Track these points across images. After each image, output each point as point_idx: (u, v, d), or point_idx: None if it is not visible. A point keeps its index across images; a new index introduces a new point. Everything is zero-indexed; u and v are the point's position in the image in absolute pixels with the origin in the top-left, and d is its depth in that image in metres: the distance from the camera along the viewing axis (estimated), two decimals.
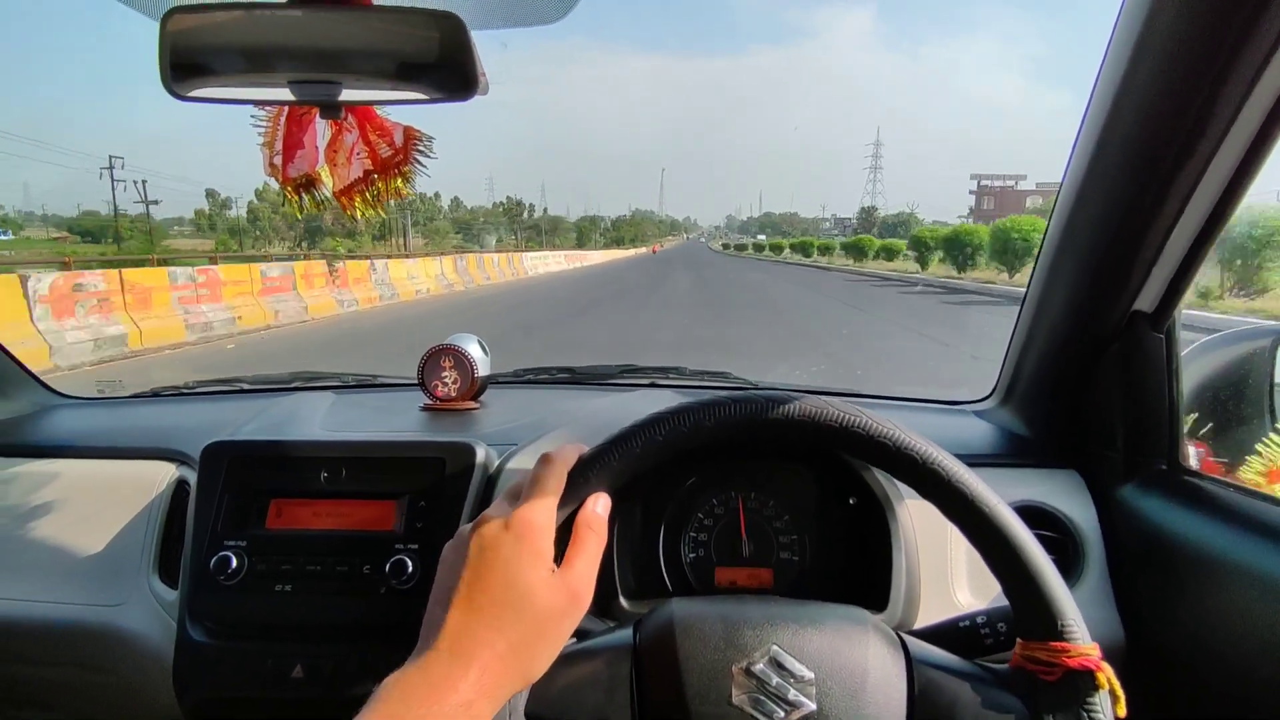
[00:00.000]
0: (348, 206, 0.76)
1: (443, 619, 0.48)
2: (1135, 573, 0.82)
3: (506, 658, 0.47)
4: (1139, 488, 0.83)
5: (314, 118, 0.75)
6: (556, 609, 0.49)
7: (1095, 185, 0.77)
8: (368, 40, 0.65)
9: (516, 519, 0.50)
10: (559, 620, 0.50)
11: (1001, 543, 0.52)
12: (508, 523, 0.50)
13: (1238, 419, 0.87)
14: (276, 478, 0.87)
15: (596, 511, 0.55)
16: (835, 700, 0.51)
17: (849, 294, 17.80)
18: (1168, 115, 0.67)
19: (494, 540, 0.49)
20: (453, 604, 0.48)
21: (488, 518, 0.51)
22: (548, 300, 16.36)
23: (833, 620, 0.55)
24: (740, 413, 0.56)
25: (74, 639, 0.93)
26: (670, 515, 0.90)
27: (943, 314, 12.92)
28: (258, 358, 7.92)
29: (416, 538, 0.81)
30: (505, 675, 0.47)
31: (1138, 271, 0.77)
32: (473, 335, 1.19)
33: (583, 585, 0.51)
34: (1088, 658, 0.50)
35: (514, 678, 0.48)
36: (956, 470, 0.53)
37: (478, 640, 0.47)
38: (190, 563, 0.84)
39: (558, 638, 0.50)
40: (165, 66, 0.64)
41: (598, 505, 0.55)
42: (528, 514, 0.51)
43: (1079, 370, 0.88)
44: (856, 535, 0.86)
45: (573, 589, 0.50)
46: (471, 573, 0.48)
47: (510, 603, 0.48)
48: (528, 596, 0.48)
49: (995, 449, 0.99)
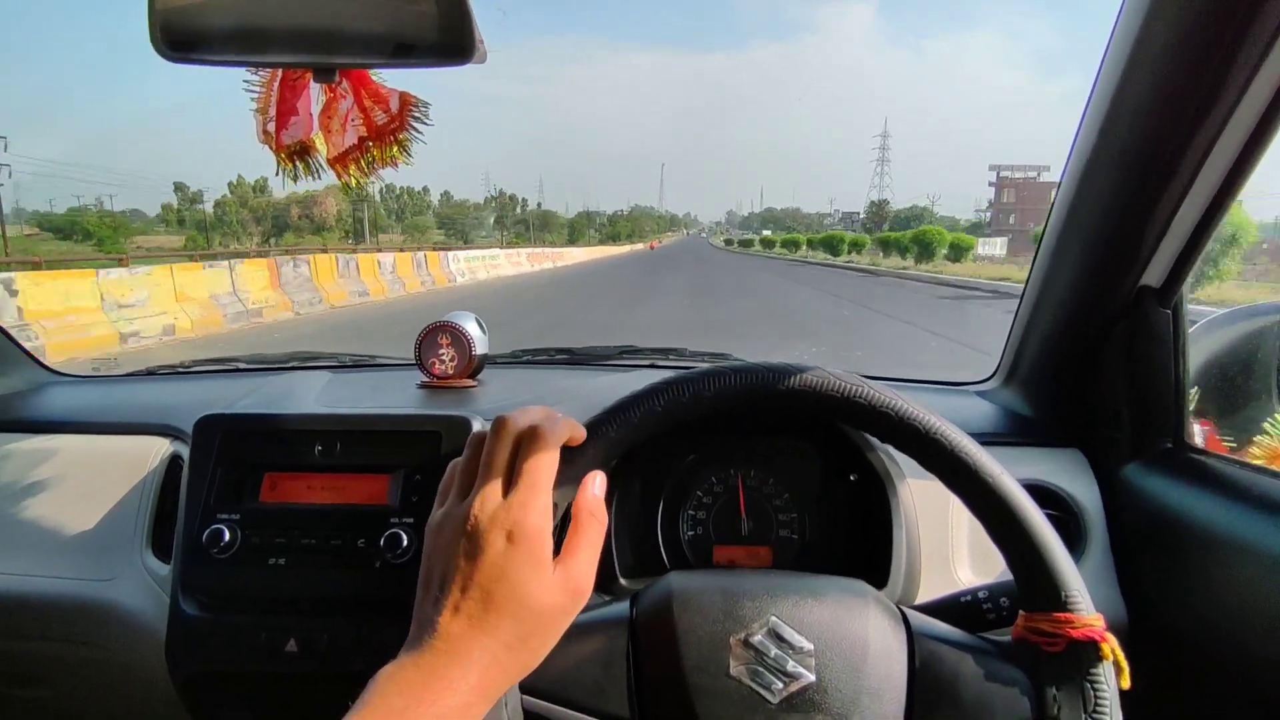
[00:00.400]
0: (342, 174, 0.74)
1: (435, 619, 0.45)
2: (1139, 551, 0.81)
3: (504, 659, 0.45)
4: (1143, 466, 0.82)
5: (308, 83, 0.73)
6: (557, 608, 0.46)
7: (1104, 159, 0.76)
8: (365, 1, 0.64)
9: (512, 520, 0.46)
10: (559, 617, 0.47)
11: (1005, 513, 0.51)
12: (500, 521, 0.46)
13: (1244, 397, 0.86)
14: (270, 451, 0.86)
15: (595, 494, 0.51)
16: (835, 672, 0.50)
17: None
18: (1178, 87, 0.65)
19: (486, 543, 0.45)
20: (445, 605, 0.45)
21: (477, 514, 0.46)
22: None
23: (833, 592, 0.54)
24: (740, 383, 0.55)
25: (66, 614, 0.93)
26: (669, 493, 0.90)
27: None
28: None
29: (412, 512, 0.81)
30: (503, 674, 0.45)
31: (1145, 246, 0.75)
32: (470, 313, 1.17)
33: (584, 579, 0.48)
34: (1092, 628, 0.49)
35: (511, 674, 0.46)
36: (960, 440, 0.52)
37: (474, 644, 0.44)
38: (183, 536, 0.83)
39: (557, 632, 0.47)
40: (155, 27, 0.63)
41: (595, 486, 0.52)
42: (523, 515, 0.46)
43: (1084, 347, 0.87)
44: (856, 513, 0.86)
45: (574, 584, 0.47)
46: (464, 575, 0.45)
47: (508, 610, 0.45)
48: (526, 602, 0.45)
49: (998, 428, 0.98)
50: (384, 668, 0.44)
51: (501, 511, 0.46)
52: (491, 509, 0.46)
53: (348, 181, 0.75)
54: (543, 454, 0.49)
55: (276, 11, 0.64)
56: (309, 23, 0.65)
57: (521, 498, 0.47)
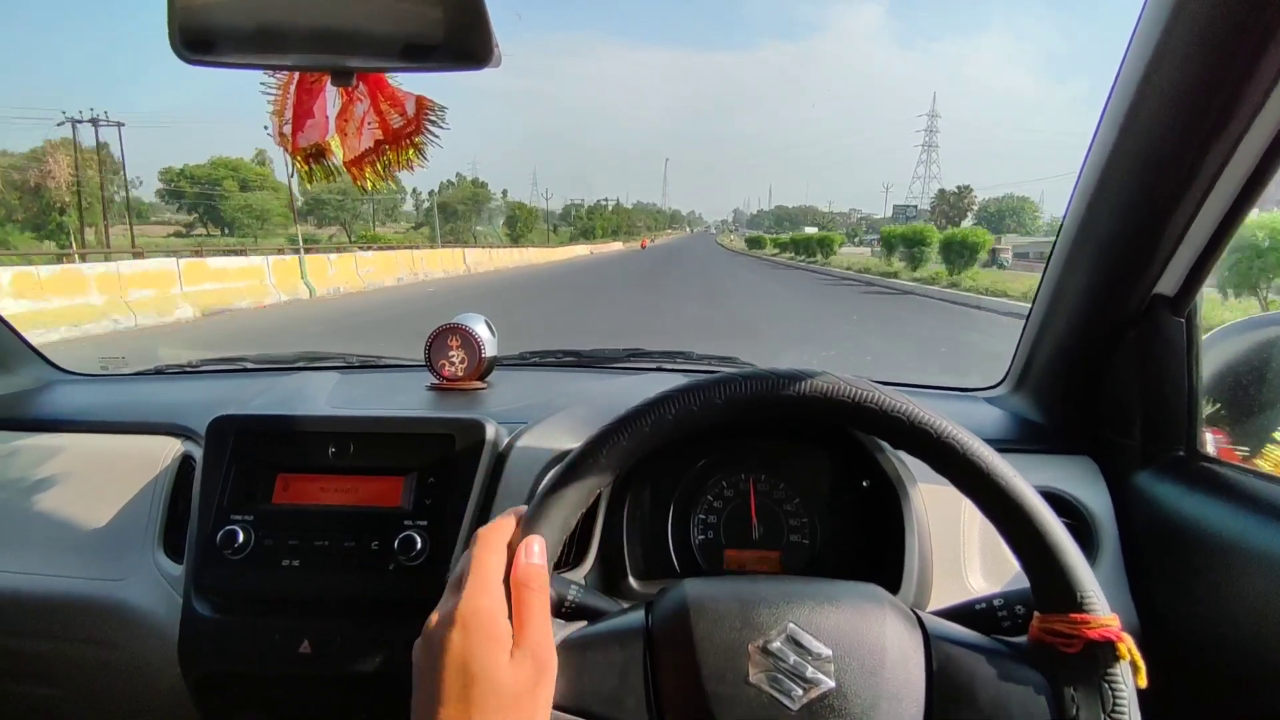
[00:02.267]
0: (358, 177, 0.75)
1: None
2: (1150, 559, 0.81)
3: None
4: (1155, 474, 0.82)
5: (324, 86, 0.73)
6: (524, 685, 0.47)
7: (1120, 165, 0.76)
8: (382, 6, 0.64)
9: (461, 609, 0.48)
10: (532, 693, 0.48)
11: (1019, 515, 0.52)
12: (453, 615, 0.48)
13: (1258, 406, 0.86)
14: (283, 452, 0.86)
15: (532, 564, 0.52)
16: (854, 677, 0.50)
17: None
18: (1198, 93, 0.65)
19: (443, 638, 0.47)
20: (425, 713, 0.46)
21: (434, 617, 0.49)
22: None
23: (849, 597, 0.55)
24: (751, 390, 0.55)
25: (77, 613, 0.93)
26: (680, 497, 0.90)
27: None
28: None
29: (425, 514, 0.81)
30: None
31: (1161, 253, 0.75)
32: (480, 315, 1.18)
33: (544, 650, 0.49)
34: (1108, 628, 0.49)
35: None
36: (972, 444, 0.52)
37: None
38: (196, 537, 0.83)
39: (539, 707, 0.48)
40: (174, 32, 0.63)
41: (531, 555, 0.52)
42: (471, 601, 0.48)
43: (1096, 355, 0.87)
44: (867, 518, 0.86)
45: (536, 657, 0.48)
46: (431, 676, 0.47)
47: (474, 699, 0.46)
48: (490, 686, 0.46)
49: (1008, 435, 0.98)
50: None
51: (453, 608, 0.49)
52: (446, 609, 0.49)
53: (363, 184, 0.75)
54: (484, 550, 0.52)
55: (294, 15, 0.64)
56: (326, 27, 0.65)
57: (469, 589, 0.49)
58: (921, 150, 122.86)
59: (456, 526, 0.80)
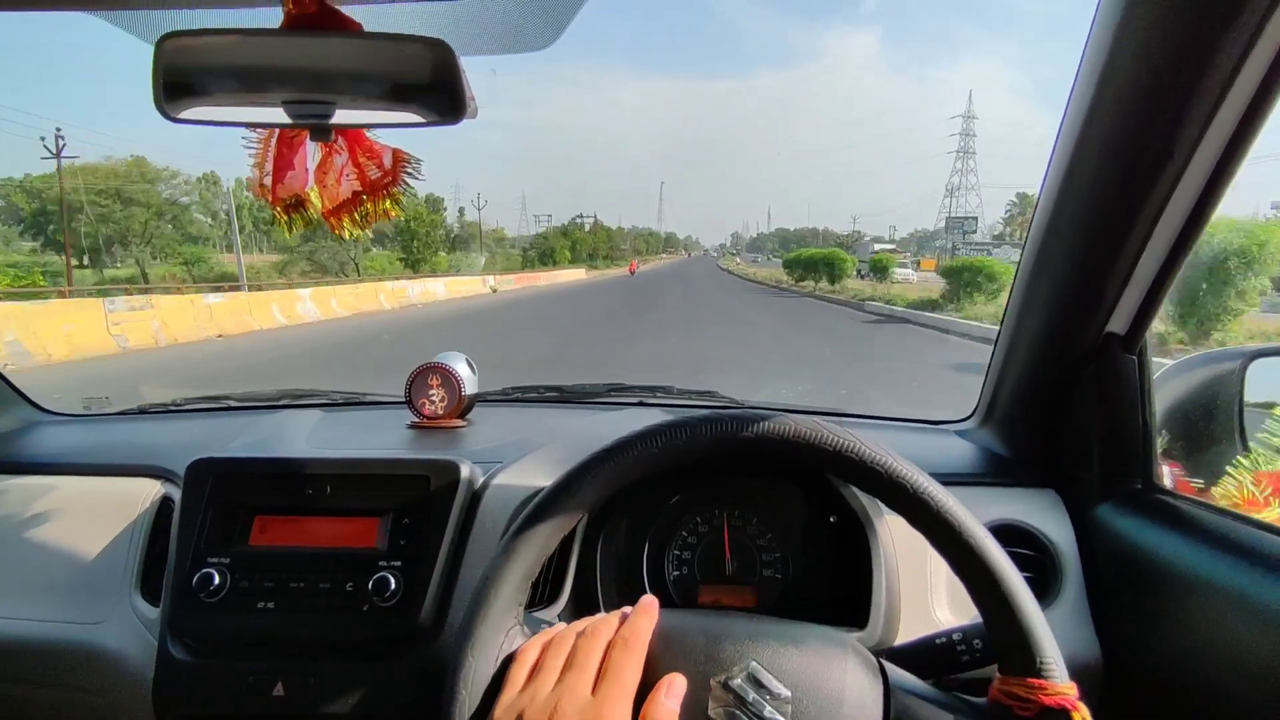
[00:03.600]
0: (336, 226, 0.77)
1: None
2: (1112, 591, 0.83)
3: None
4: (1115, 507, 0.85)
5: (304, 140, 0.76)
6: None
7: (1068, 208, 0.79)
8: (360, 66, 0.67)
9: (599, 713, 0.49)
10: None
11: (986, 577, 0.53)
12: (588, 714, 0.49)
13: (1209, 439, 0.88)
14: (261, 494, 0.87)
15: (669, 705, 0.51)
16: (810, 719, 0.51)
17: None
18: (1135, 139, 0.69)
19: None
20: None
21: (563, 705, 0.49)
22: None
23: (813, 640, 0.56)
24: (737, 430, 0.57)
25: (52, 657, 0.92)
26: (654, 533, 0.91)
27: None
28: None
29: (400, 555, 0.82)
30: None
31: (1110, 293, 0.78)
32: (460, 354, 1.19)
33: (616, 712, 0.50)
34: (1065, 697, 0.50)
35: None
36: (945, 502, 0.54)
37: None
38: (172, 580, 0.83)
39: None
40: (158, 89, 0.65)
41: (671, 694, 0.52)
42: (610, 710, 0.49)
43: (1055, 391, 0.90)
44: (838, 553, 0.87)
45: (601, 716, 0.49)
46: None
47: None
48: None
49: (975, 468, 1.00)
50: None
51: (589, 708, 0.49)
52: (578, 703, 0.49)
53: (341, 233, 0.77)
54: (629, 658, 0.52)
55: (275, 74, 0.67)
56: (307, 85, 0.68)
57: (606, 694, 0.50)
58: (957, 157, 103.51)
59: (430, 567, 0.81)
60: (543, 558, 0.58)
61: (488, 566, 0.57)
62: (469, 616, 0.55)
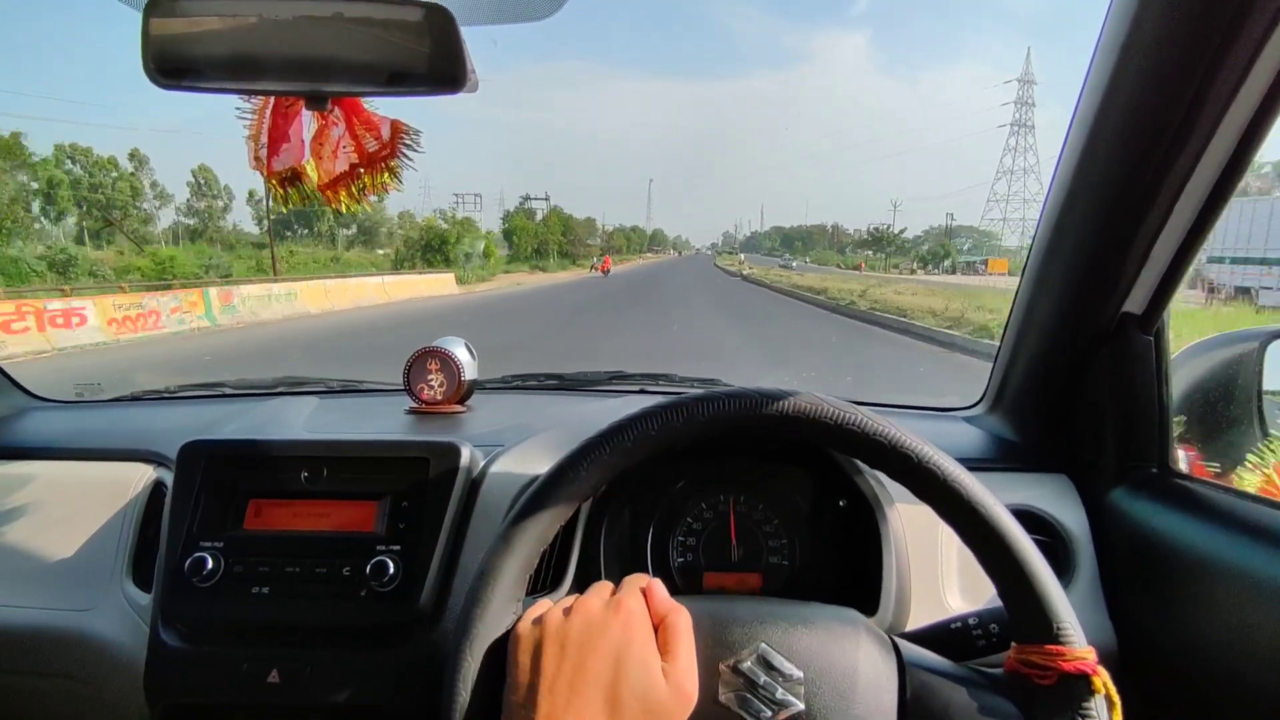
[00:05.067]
0: (333, 200, 0.75)
1: (532, 709, 0.43)
2: (1126, 576, 0.81)
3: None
4: (1129, 491, 0.83)
5: (299, 111, 0.74)
6: (665, 709, 0.46)
7: (1084, 187, 0.77)
8: (357, 31, 0.65)
9: (623, 605, 0.47)
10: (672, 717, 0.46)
11: (997, 544, 0.52)
12: (615, 605, 0.47)
13: (1227, 422, 0.87)
14: (255, 478, 0.85)
15: (666, 596, 0.52)
16: (824, 700, 0.50)
17: None
18: (1155, 117, 0.67)
19: (602, 622, 0.46)
20: (549, 691, 0.44)
21: (591, 600, 0.48)
22: None
23: (823, 620, 0.54)
24: (734, 408, 0.55)
25: (42, 645, 0.90)
26: (659, 519, 0.89)
27: None
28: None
29: (399, 539, 0.80)
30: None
31: (1127, 273, 0.77)
32: (459, 338, 1.17)
33: (690, 683, 0.48)
34: (1084, 661, 0.49)
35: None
36: (952, 470, 0.53)
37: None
38: (164, 564, 0.81)
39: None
40: (148, 56, 0.63)
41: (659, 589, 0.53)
42: (632, 602, 0.48)
43: (1068, 374, 0.88)
44: (846, 539, 0.85)
45: (682, 688, 0.47)
46: (575, 659, 0.45)
47: (619, 697, 0.44)
48: (639, 691, 0.45)
49: (985, 454, 0.98)
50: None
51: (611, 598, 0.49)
52: (598, 599, 0.49)
53: (338, 207, 0.75)
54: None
55: (270, 40, 0.65)
56: (302, 51, 0.66)
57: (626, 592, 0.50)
58: (1011, 132, 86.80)
59: (430, 551, 0.79)
60: (542, 547, 0.55)
61: (484, 558, 0.54)
62: (466, 613, 0.53)
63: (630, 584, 0.52)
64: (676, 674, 0.47)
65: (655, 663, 0.46)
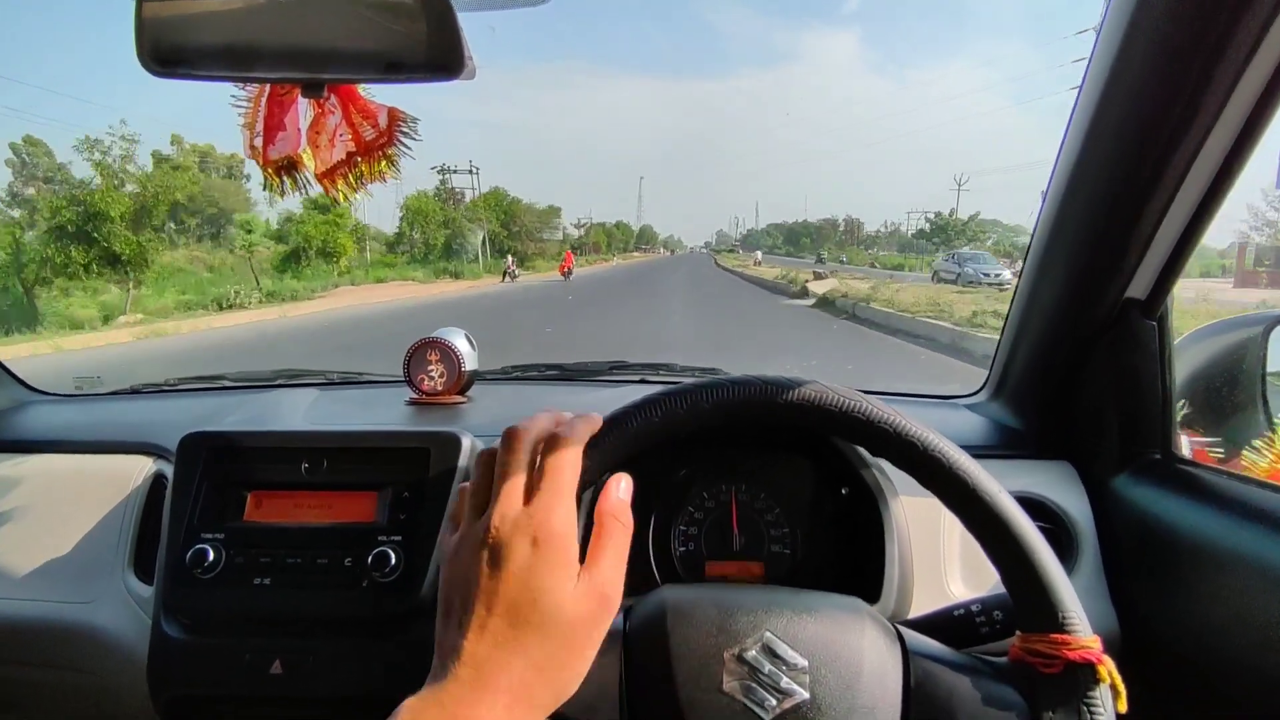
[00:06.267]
0: (330, 189, 0.74)
1: (458, 642, 0.42)
2: (1129, 563, 0.81)
3: (535, 682, 0.42)
4: (1132, 477, 0.83)
5: (295, 99, 0.73)
6: (586, 619, 0.44)
7: (1087, 172, 0.77)
8: (353, 17, 0.64)
9: (534, 521, 0.44)
10: (589, 630, 0.45)
11: (1002, 532, 0.51)
12: (523, 525, 0.44)
13: (1230, 408, 0.86)
14: (255, 469, 0.85)
15: (620, 497, 0.49)
16: (829, 689, 0.50)
17: None
18: (1158, 101, 0.67)
19: (510, 551, 0.43)
20: (470, 627, 0.42)
21: (497, 524, 0.44)
22: None
23: (827, 608, 0.54)
24: (738, 395, 0.55)
25: (44, 637, 0.90)
26: (661, 508, 0.89)
27: None
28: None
29: (400, 529, 0.79)
30: (534, 699, 0.42)
31: (1130, 258, 0.76)
32: (460, 329, 1.17)
33: (612, 586, 0.46)
34: (1089, 650, 0.48)
35: (544, 700, 0.43)
36: (957, 457, 0.52)
37: (501, 665, 0.41)
38: (166, 556, 0.81)
39: (589, 649, 0.45)
40: (142, 42, 0.63)
41: (620, 489, 0.50)
42: (546, 519, 0.44)
43: (1071, 360, 0.87)
44: (848, 527, 0.85)
45: (602, 592, 0.45)
46: (487, 591, 0.43)
47: (534, 621, 0.42)
48: (553, 611, 0.43)
49: (988, 441, 0.98)
50: (405, 701, 0.41)
51: (524, 518, 0.44)
52: (513, 516, 0.45)
53: (335, 196, 0.75)
54: (564, 454, 0.47)
55: (265, 27, 0.64)
56: (298, 38, 0.65)
57: (544, 501, 0.45)
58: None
59: (431, 541, 0.79)
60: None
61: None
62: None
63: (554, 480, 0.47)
64: (592, 583, 0.45)
65: (567, 579, 0.44)
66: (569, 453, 0.47)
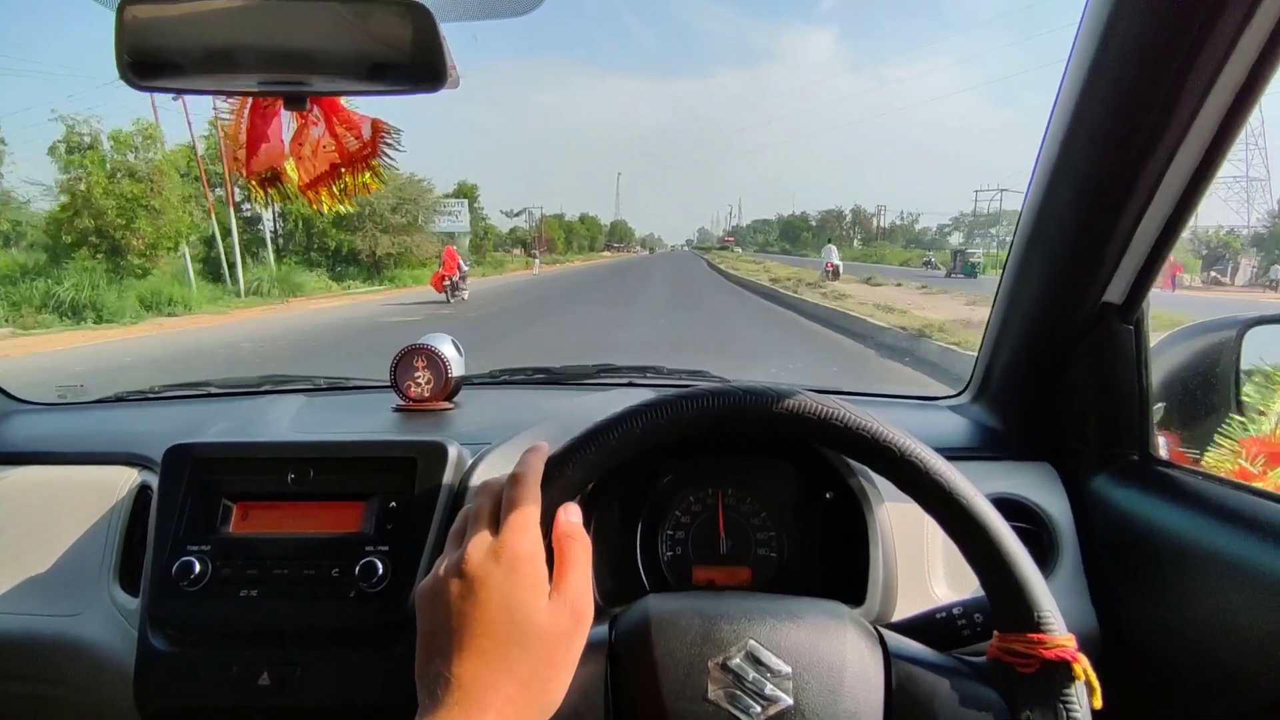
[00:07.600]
0: (314, 201, 0.74)
1: (445, 671, 0.45)
2: (1108, 563, 0.82)
3: (520, 698, 0.45)
4: (1111, 478, 0.84)
5: (279, 110, 0.73)
6: (562, 633, 0.48)
7: (1063, 178, 0.78)
8: (336, 30, 0.64)
9: (504, 548, 0.48)
10: (567, 644, 0.48)
11: (978, 535, 0.52)
12: (494, 553, 0.48)
13: (1205, 409, 0.88)
14: (241, 480, 0.84)
15: (570, 520, 0.53)
16: (812, 695, 0.50)
17: None
18: (1133, 106, 0.68)
19: (484, 575, 0.47)
20: (452, 653, 0.45)
21: (470, 554, 0.48)
22: None
23: (810, 615, 0.55)
24: (717, 405, 0.56)
25: (29, 651, 0.90)
26: (647, 514, 0.90)
27: None
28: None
29: (387, 539, 0.79)
30: (523, 716, 0.45)
31: (1106, 263, 0.77)
32: (446, 335, 1.17)
33: (582, 601, 0.49)
34: (1064, 649, 0.50)
35: (533, 716, 0.46)
36: (934, 463, 0.53)
37: (487, 686, 0.44)
38: (151, 568, 0.81)
39: (569, 663, 0.48)
40: (122, 55, 0.62)
41: (569, 514, 0.54)
42: (514, 541, 0.48)
43: (1051, 363, 0.89)
44: (834, 531, 0.86)
45: (574, 608, 0.49)
46: (467, 617, 0.46)
47: (514, 639, 0.46)
48: (530, 627, 0.46)
49: (969, 443, 0.99)
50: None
51: (494, 546, 0.48)
52: (484, 547, 0.48)
53: (319, 208, 0.75)
54: (522, 490, 0.51)
55: (247, 38, 0.64)
56: (280, 50, 0.65)
57: (510, 529, 0.49)
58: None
59: (419, 552, 0.79)
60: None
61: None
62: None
63: (517, 510, 0.50)
64: (563, 600, 0.48)
65: (539, 599, 0.48)
66: (527, 489, 0.52)
